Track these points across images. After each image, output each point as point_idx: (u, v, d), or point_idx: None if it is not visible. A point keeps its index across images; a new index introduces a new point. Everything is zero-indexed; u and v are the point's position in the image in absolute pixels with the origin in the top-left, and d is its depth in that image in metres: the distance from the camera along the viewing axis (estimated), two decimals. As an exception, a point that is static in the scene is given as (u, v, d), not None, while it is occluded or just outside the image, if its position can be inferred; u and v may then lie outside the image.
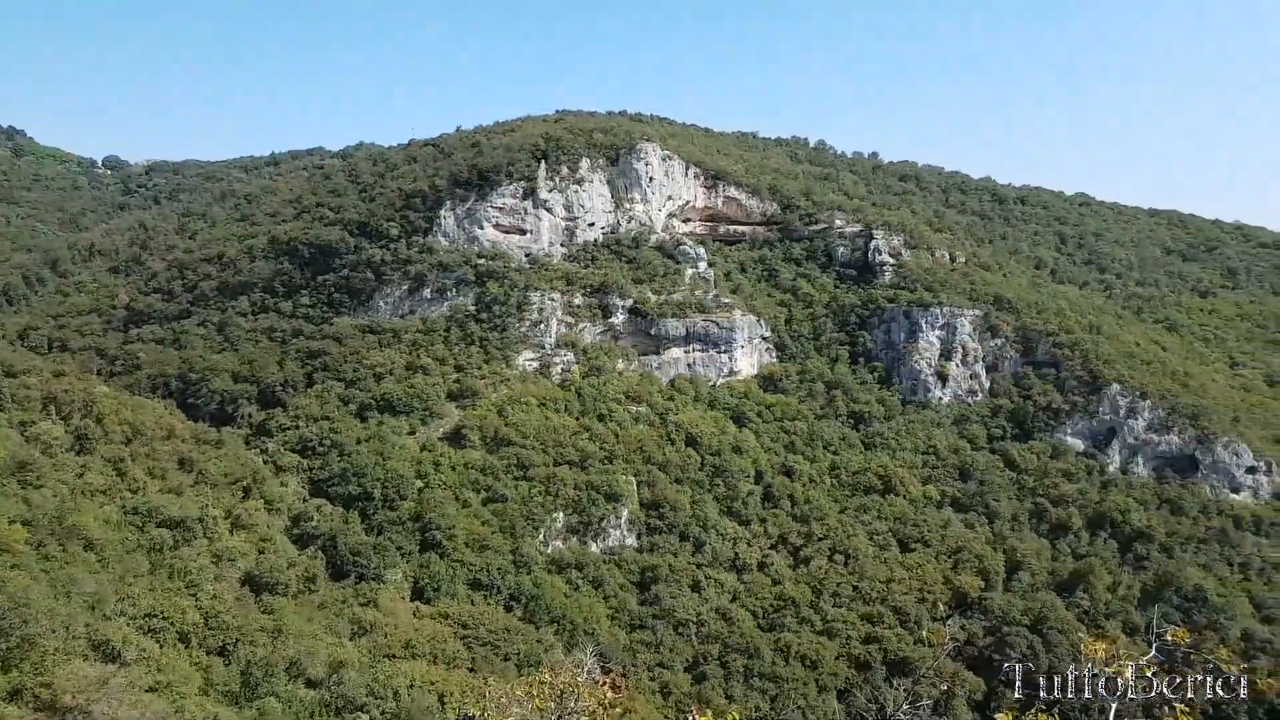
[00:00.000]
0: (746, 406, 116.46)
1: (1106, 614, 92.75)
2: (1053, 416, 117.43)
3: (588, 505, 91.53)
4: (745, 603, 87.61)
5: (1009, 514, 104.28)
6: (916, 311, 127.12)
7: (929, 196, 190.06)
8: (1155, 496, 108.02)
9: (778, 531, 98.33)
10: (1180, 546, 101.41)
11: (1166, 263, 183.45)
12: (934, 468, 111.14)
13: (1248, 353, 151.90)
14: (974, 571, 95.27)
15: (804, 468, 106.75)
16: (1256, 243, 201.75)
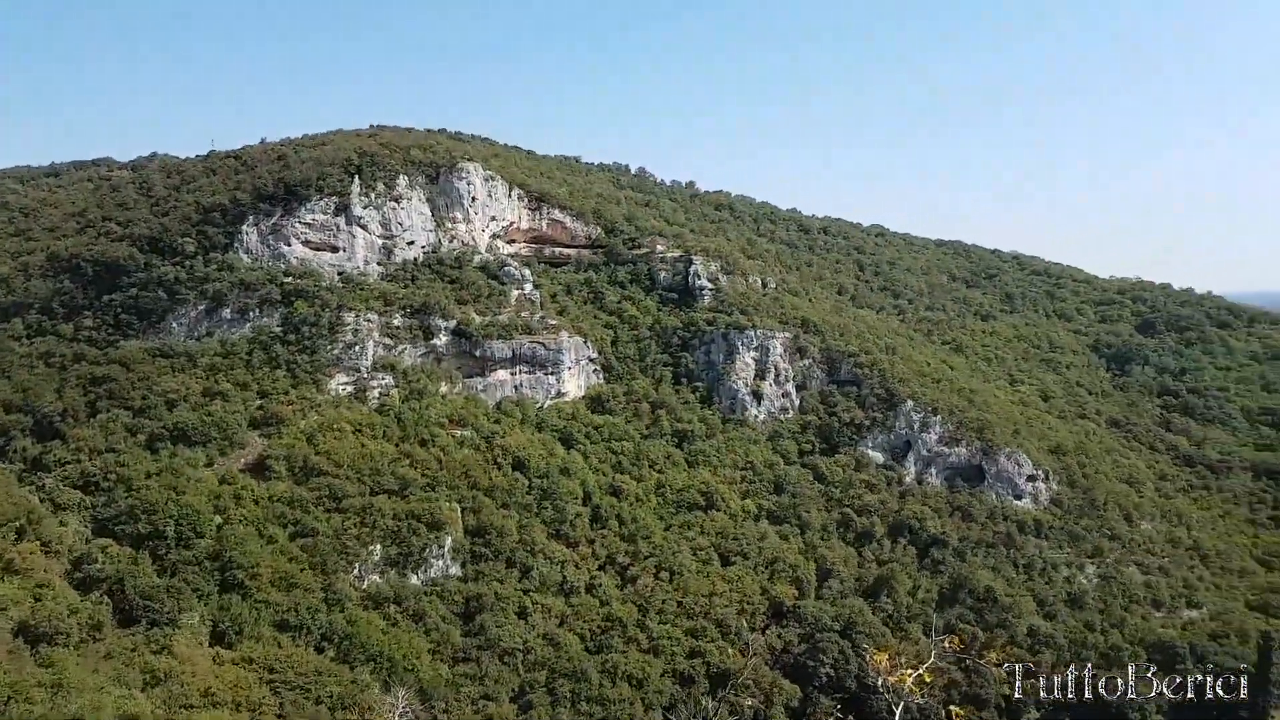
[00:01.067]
0: (574, 428, 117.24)
1: (908, 616, 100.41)
2: (855, 431, 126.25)
3: (408, 535, 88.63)
4: (573, 626, 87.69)
5: (819, 524, 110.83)
6: (734, 334, 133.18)
7: (742, 225, 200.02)
8: (948, 504, 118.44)
9: (606, 552, 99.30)
10: (971, 550, 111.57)
11: (953, 289, 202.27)
12: (751, 482, 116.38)
13: (1024, 370, 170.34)
14: (789, 581, 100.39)
15: (631, 487, 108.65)
16: (1030, 270, 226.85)
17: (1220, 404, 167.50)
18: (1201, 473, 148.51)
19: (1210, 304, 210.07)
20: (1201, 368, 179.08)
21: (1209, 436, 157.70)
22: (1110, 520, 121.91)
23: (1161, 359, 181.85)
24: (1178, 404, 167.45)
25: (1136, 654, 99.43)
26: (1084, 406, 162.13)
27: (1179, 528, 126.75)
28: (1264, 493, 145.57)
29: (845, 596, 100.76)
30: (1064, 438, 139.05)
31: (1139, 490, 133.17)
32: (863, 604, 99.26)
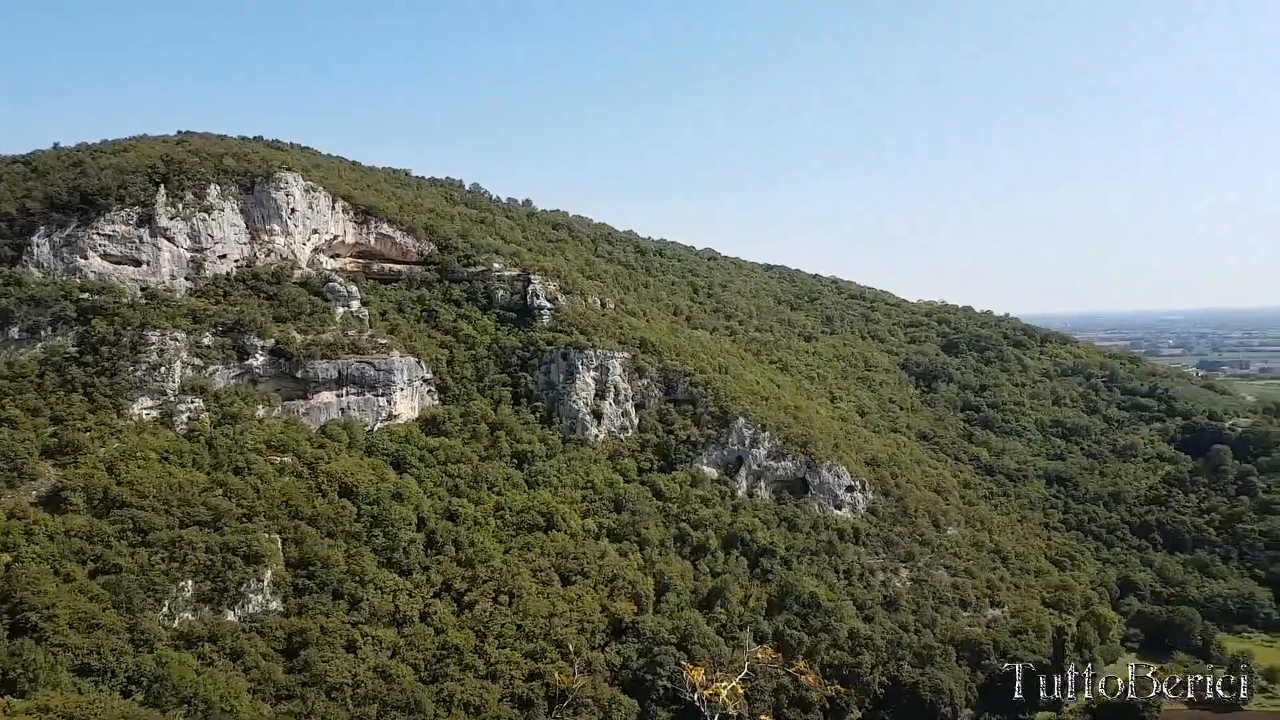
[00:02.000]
0: (407, 451, 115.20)
1: (740, 625, 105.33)
2: (691, 448, 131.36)
3: (222, 570, 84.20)
4: (406, 656, 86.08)
5: (658, 540, 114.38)
6: (573, 354, 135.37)
7: (580, 245, 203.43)
8: (776, 516, 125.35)
9: (441, 579, 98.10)
10: (797, 559, 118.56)
11: (778, 311, 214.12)
12: (592, 501, 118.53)
13: (843, 388, 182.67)
14: (628, 597, 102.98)
15: (469, 510, 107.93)
16: (848, 295, 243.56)
17: (1016, 417, 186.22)
18: (1001, 481, 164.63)
19: (1007, 325, 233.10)
20: (1000, 384, 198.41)
21: (1007, 447, 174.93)
22: (921, 527, 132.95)
23: (964, 376, 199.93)
24: (979, 418, 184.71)
25: (947, 652, 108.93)
26: (896, 421, 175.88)
27: (982, 532, 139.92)
28: (1055, 498, 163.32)
29: (682, 609, 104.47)
30: (879, 450, 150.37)
31: (946, 498, 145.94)
32: (698, 615, 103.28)
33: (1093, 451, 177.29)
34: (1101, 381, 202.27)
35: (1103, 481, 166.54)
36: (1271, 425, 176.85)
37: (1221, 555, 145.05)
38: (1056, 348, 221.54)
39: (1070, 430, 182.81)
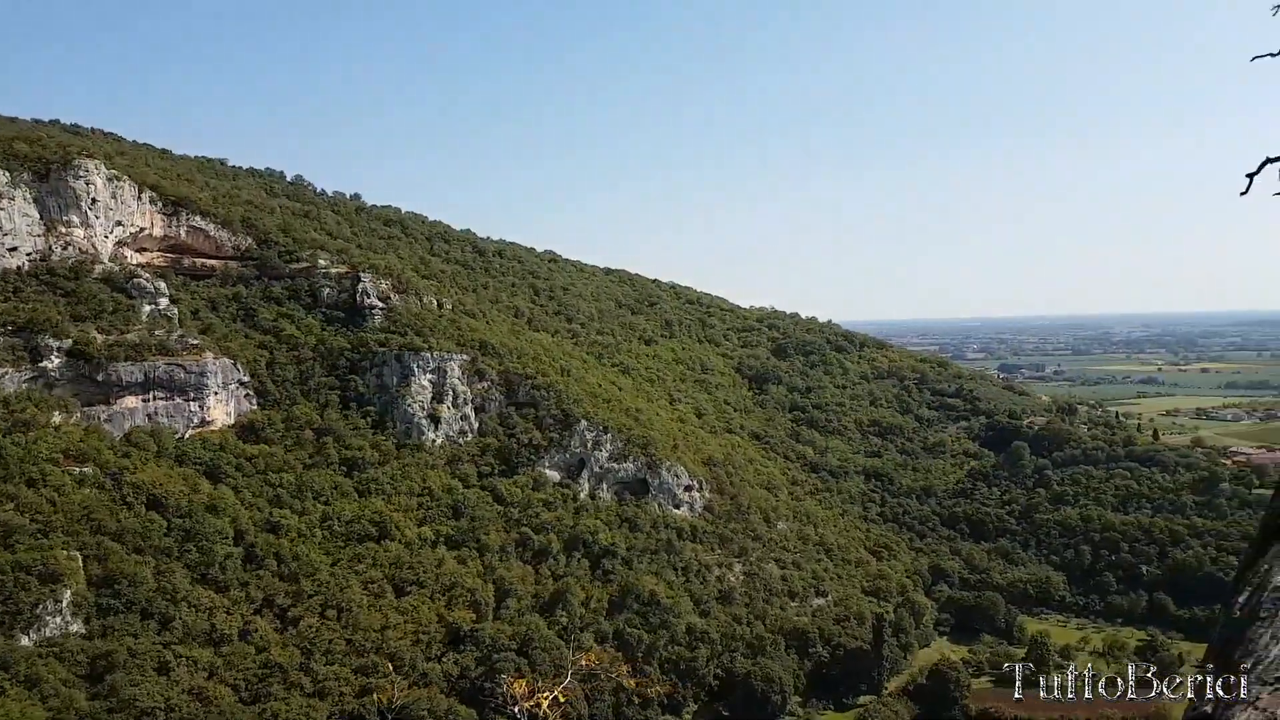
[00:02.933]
0: (223, 459, 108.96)
1: (582, 626, 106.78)
2: (534, 452, 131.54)
3: (15, 591, 77.04)
4: (225, 677, 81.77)
5: (498, 545, 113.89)
6: (408, 356, 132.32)
7: (414, 243, 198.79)
8: (618, 516, 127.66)
9: (263, 594, 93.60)
10: (638, 558, 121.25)
11: (620, 315, 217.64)
12: (429, 508, 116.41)
13: (682, 390, 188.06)
14: (467, 605, 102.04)
15: (292, 522, 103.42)
16: (685, 300, 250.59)
17: (839, 417, 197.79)
18: (825, 477, 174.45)
19: (829, 331, 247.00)
20: (824, 386, 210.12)
21: (830, 446, 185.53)
22: (754, 523, 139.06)
23: (792, 379, 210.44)
24: (805, 418, 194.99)
25: (777, 641, 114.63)
26: (731, 422, 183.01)
27: (808, 526, 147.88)
28: (873, 493, 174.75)
29: (523, 614, 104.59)
30: (715, 450, 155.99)
31: (776, 495, 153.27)
32: (539, 620, 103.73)
33: (906, 449, 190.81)
34: (914, 384, 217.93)
35: (915, 476, 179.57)
36: (1064, 423, 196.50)
37: (1021, 543, 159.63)
38: (874, 352, 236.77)
39: (886, 429, 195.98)
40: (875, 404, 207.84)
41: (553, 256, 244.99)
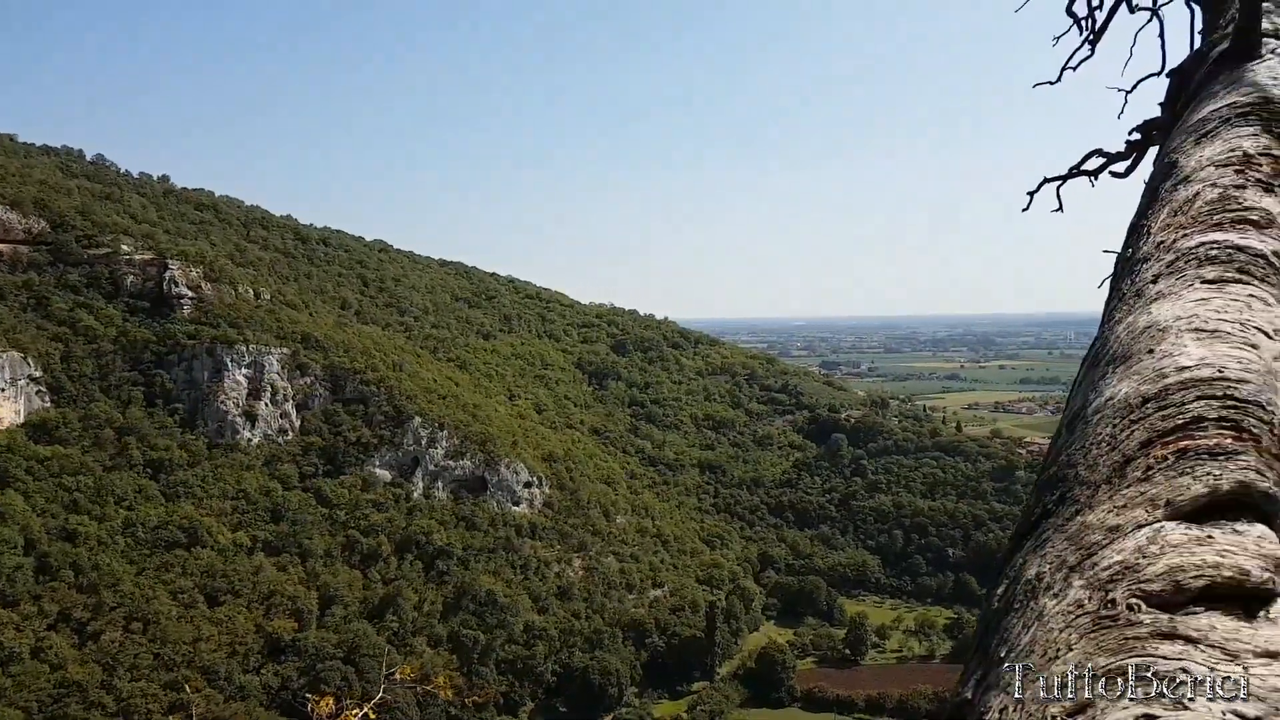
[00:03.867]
0: (12, 462, 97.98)
1: (414, 631, 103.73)
2: (362, 450, 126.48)
3: None
4: (15, 699, 73.75)
5: (322, 550, 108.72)
6: (222, 349, 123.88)
7: (229, 229, 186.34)
8: (454, 516, 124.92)
9: (57, 608, 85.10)
10: (475, 558, 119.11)
11: (456, 308, 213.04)
12: (245, 512, 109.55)
13: (521, 386, 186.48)
14: (288, 614, 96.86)
15: (91, 529, 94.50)
16: (524, 294, 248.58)
17: (675, 412, 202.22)
18: (662, 470, 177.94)
19: (666, 329, 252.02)
20: (661, 382, 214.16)
21: (667, 440, 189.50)
22: (593, 517, 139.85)
23: (631, 375, 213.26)
24: (644, 413, 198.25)
25: (615, 634, 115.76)
26: (571, 417, 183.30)
27: (646, 519, 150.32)
28: (707, 484, 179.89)
29: (349, 621, 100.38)
30: (555, 446, 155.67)
31: (615, 489, 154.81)
32: (368, 626, 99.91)
33: (737, 441, 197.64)
34: (744, 379, 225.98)
35: (746, 468, 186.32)
36: (878, 416, 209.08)
37: (841, 529, 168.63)
38: (707, 349, 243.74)
39: (719, 423, 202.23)
40: (709, 399, 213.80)
41: (383, 246, 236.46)
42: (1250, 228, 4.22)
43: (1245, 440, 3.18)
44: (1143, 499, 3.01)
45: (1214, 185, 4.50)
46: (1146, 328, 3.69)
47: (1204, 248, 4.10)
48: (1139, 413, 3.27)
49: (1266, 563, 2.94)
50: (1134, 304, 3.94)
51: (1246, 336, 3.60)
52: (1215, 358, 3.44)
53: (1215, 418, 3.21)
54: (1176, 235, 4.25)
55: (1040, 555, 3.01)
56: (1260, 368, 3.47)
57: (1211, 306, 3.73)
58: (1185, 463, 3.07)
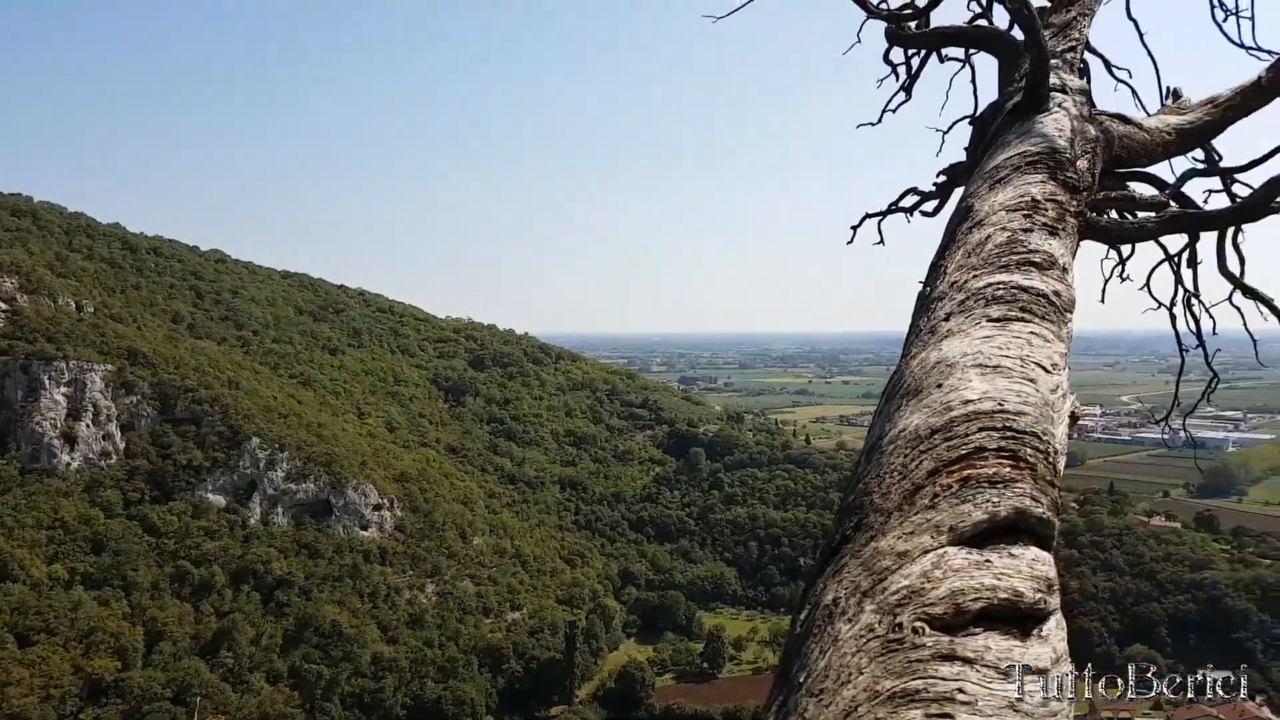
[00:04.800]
0: None
1: (251, 667, 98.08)
2: (194, 474, 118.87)
3: None
4: None
5: (149, 583, 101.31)
6: (38, 366, 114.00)
7: (50, 238, 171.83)
8: (295, 543, 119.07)
9: None
10: (318, 587, 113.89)
11: (300, 322, 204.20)
12: (62, 543, 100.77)
13: (372, 403, 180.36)
14: (110, 652, 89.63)
15: None
16: (376, 307, 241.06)
17: (536, 428, 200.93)
18: (522, 489, 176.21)
19: (526, 343, 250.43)
20: (521, 398, 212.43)
21: (527, 457, 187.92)
22: (448, 539, 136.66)
23: (490, 390, 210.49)
24: (503, 430, 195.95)
25: (470, 661, 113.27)
26: (426, 436, 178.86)
27: (504, 539, 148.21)
28: (568, 501, 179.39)
29: (179, 659, 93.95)
30: (408, 466, 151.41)
31: (472, 509, 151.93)
32: (200, 663, 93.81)
33: (599, 457, 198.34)
34: (605, 395, 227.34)
35: (607, 483, 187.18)
36: (733, 430, 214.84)
37: (699, 542, 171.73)
38: (568, 364, 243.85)
39: (580, 439, 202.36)
40: (570, 414, 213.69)
41: (220, 257, 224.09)
42: (1034, 269, 4.64)
43: (1022, 469, 3.49)
44: (929, 525, 3.25)
45: (1004, 229, 4.93)
46: (937, 363, 3.98)
47: (991, 288, 4.47)
48: (928, 443, 3.52)
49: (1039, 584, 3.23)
50: (928, 340, 4.25)
51: (1026, 372, 3.95)
52: (997, 392, 3.76)
53: (995, 448, 3.50)
54: (969, 276, 4.62)
55: (838, 580, 3.19)
56: (1037, 400, 3.82)
57: (995, 344, 4.08)
58: (968, 490, 3.34)
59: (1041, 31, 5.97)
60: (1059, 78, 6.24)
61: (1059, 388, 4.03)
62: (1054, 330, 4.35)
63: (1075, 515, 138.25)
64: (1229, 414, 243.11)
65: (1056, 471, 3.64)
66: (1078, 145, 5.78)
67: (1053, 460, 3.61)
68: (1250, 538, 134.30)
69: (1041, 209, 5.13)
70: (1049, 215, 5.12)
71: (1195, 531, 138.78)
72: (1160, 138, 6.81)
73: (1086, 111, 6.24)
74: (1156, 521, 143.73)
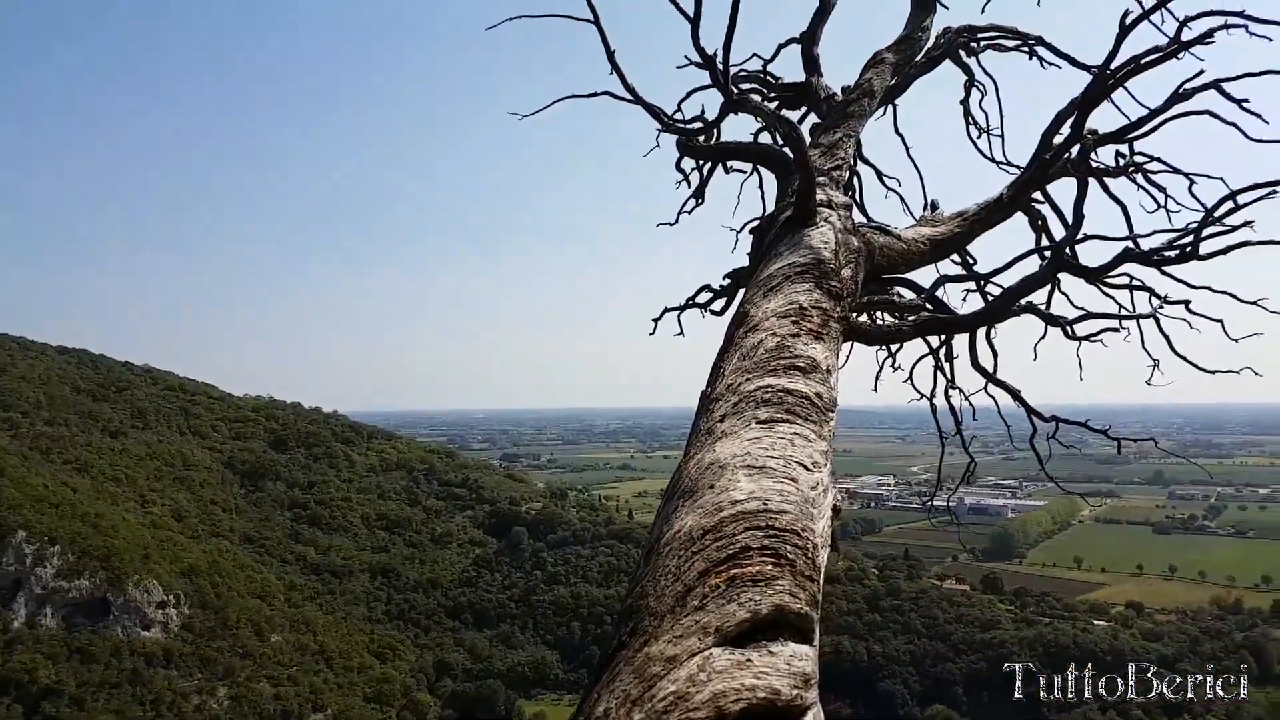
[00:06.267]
0: None
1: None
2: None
3: None
4: None
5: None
6: None
7: None
8: (66, 647, 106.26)
9: None
10: (92, 696, 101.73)
11: (78, 402, 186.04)
12: None
13: (157, 490, 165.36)
14: None
15: None
16: (164, 385, 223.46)
17: (344, 513, 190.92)
18: (327, 579, 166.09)
19: (336, 422, 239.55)
20: (329, 480, 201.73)
21: (334, 544, 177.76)
22: (243, 638, 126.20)
23: (293, 473, 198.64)
24: (307, 515, 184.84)
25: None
26: (219, 525, 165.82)
27: (307, 635, 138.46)
28: (379, 590, 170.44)
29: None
30: (198, 559, 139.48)
31: (270, 603, 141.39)
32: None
33: (414, 541, 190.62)
34: (422, 475, 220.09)
35: (423, 569, 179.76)
36: (557, 507, 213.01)
37: (520, 626, 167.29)
38: (382, 443, 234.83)
39: (394, 522, 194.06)
40: (383, 497, 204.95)
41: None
42: (799, 373, 5.09)
43: (783, 566, 3.75)
44: (697, 627, 3.42)
45: (775, 334, 5.38)
46: (711, 464, 4.26)
47: (760, 391, 4.86)
48: (700, 544, 3.73)
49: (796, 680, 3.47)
50: (705, 441, 4.55)
51: (789, 471, 4.29)
52: (762, 491, 4.06)
53: (759, 546, 3.75)
54: (742, 379, 5.00)
55: (610, 690, 3.26)
56: (798, 499, 4.15)
57: (762, 445, 4.42)
58: (733, 590, 3.54)
59: (809, 154, 6.65)
60: (825, 194, 6.93)
61: (819, 484, 4.38)
62: (816, 430, 4.75)
63: (876, 581, 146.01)
64: (1006, 482, 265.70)
65: (816, 566, 3.92)
66: (842, 255, 6.41)
67: (812, 555, 3.88)
68: (1031, 598, 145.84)
69: (808, 315, 5.64)
70: (814, 321, 5.63)
71: (983, 594, 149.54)
72: (916, 248, 7.66)
73: (850, 224, 6.93)
74: (949, 585, 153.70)
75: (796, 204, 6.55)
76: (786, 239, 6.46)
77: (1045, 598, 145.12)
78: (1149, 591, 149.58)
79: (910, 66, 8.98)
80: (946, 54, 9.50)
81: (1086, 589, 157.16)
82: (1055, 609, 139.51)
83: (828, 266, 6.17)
